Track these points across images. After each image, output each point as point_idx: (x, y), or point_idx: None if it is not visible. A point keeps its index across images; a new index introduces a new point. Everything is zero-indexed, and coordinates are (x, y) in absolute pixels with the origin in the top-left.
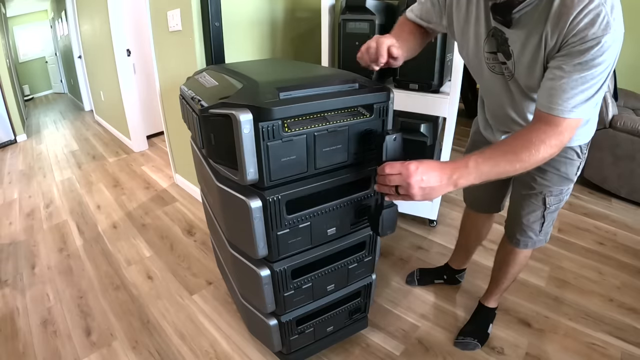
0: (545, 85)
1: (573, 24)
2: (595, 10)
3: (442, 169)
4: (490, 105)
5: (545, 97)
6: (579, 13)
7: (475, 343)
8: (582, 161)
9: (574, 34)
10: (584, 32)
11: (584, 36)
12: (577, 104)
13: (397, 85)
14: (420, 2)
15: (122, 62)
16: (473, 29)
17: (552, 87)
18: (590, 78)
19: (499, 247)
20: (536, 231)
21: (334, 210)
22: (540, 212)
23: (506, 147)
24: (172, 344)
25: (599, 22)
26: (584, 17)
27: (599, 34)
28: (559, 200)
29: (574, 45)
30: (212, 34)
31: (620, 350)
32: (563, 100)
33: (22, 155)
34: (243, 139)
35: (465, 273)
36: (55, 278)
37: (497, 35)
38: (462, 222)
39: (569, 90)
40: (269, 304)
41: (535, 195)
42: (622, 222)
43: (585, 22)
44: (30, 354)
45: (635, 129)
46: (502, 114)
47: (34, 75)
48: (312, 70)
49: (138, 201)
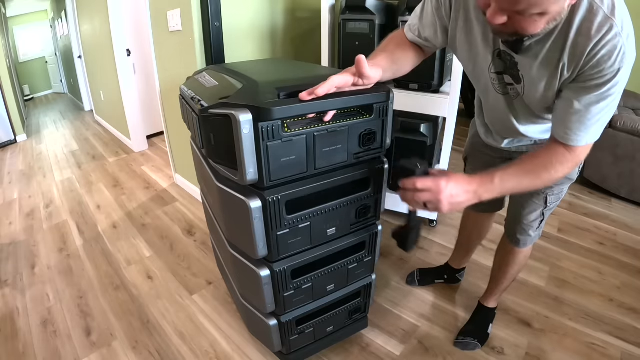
0: (560, 114)
1: (590, 56)
2: (613, 42)
3: (470, 183)
4: (491, 118)
5: (562, 127)
6: (597, 44)
7: (475, 343)
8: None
9: (590, 66)
10: (601, 65)
11: (601, 69)
12: (592, 132)
13: (397, 85)
14: (417, 16)
15: (122, 62)
16: (479, 48)
17: (568, 118)
18: (606, 107)
19: (499, 247)
20: (535, 228)
21: (334, 211)
22: (541, 211)
23: (529, 167)
24: (172, 344)
25: (616, 53)
26: (601, 48)
27: (616, 67)
28: (558, 198)
29: (591, 77)
30: (212, 34)
31: (620, 350)
32: (580, 131)
33: (22, 155)
34: (243, 139)
35: (465, 272)
36: (55, 278)
37: (506, 59)
38: (462, 221)
39: (586, 122)
40: (268, 304)
41: (538, 194)
42: (622, 222)
43: (602, 54)
44: (30, 354)
45: (635, 129)
46: (504, 126)
47: (34, 75)
48: (312, 70)
49: (138, 201)
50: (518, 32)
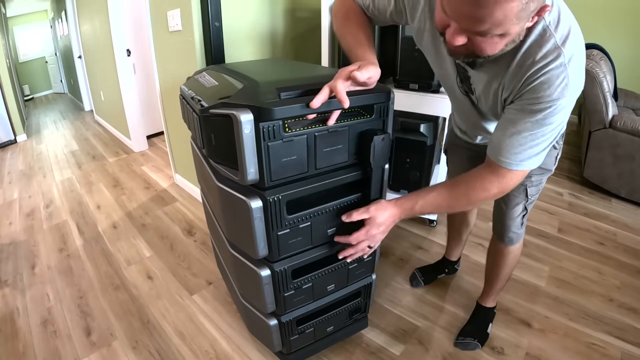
0: (496, 134)
1: (531, 80)
2: (556, 72)
3: (393, 208)
4: (461, 118)
5: (495, 146)
6: (539, 70)
7: (475, 343)
8: (559, 151)
9: (529, 90)
10: (539, 91)
11: (539, 96)
12: (525, 158)
13: (397, 85)
14: None
15: (122, 62)
16: (445, 54)
17: (501, 139)
18: (541, 135)
19: (490, 249)
20: (518, 224)
21: (334, 210)
22: (523, 205)
23: (448, 194)
24: (172, 344)
25: (557, 84)
26: (542, 75)
27: (555, 97)
28: (537, 190)
29: (529, 102)
30: (212, 34)
31: (620, 350)
32: (511, 154)
33: (22, 155)
34: (244, 139)
35: (460, 261)
36: (55, 278)
37: (460, 71)
38: (448, 217)
39: (517, 145)
40: (269, 304)
41: (517, 188)
42: (622, 222)
43: (541, 80)
44: (30, 354)
45: (635, 129)
46: (473, 125)
47: (34, 75)
48: (312, 70)
49: (138, 201)
50: (475, 53)
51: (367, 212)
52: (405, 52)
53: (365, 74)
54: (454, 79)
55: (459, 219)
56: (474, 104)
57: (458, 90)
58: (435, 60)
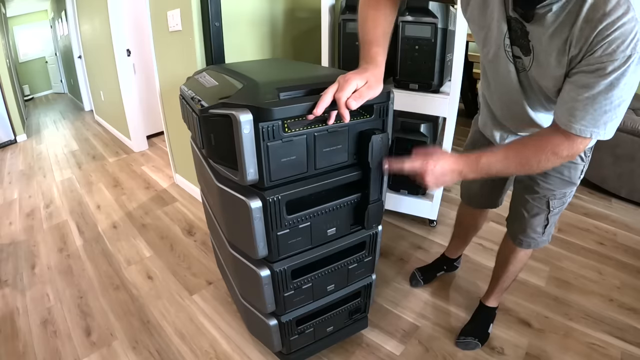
0: (565, 99)
1: (602, 34)
2: (628, 25)
3: (456, 163)
4: (500, 97)
5: (566, 113)
6: (611, 23)
7: (475, 342)
8: (585, 164)
9: (600, 46)
10: (612, 46)
11: (611, 52)
12: (599, 125)
13: (397, 85)
14: None
15: (122, 62)
16: (495, 13)
17: (574, 105)
18: (616, 98)
19: (501, 247)
20: (539, 233)
21: (334, 211)
22: (544, 215)
23: (518, 152)
24: (172, 344)
25: (630, 38)
26: (615, 29)
27: (629, 53)
28: (562, 203)
29: (600, 61)
30: (212, 34)
31: (620, 350)
32: (586, 121)
33: (22, 155)
34: (243, 139)
35: (461, 261)
36: (55, 278)
37: (516, 27)
38: (458, 216)
39: (592, 111)
40: (269, 304)
41: (539, 198)
42: (622, 222)
43: (615, 36)
44: (30, 354)
45: (635, 129)
46: (511, 110)
47: (34, 75)
48: (312, 70)
49: (138, 201)
50: None
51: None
52: (405, 52)
53: (366, 98)
54: (501, 41)
55: (468, 221)
56: (519, 81)
57: (504, 58)
58: (482, 22)
